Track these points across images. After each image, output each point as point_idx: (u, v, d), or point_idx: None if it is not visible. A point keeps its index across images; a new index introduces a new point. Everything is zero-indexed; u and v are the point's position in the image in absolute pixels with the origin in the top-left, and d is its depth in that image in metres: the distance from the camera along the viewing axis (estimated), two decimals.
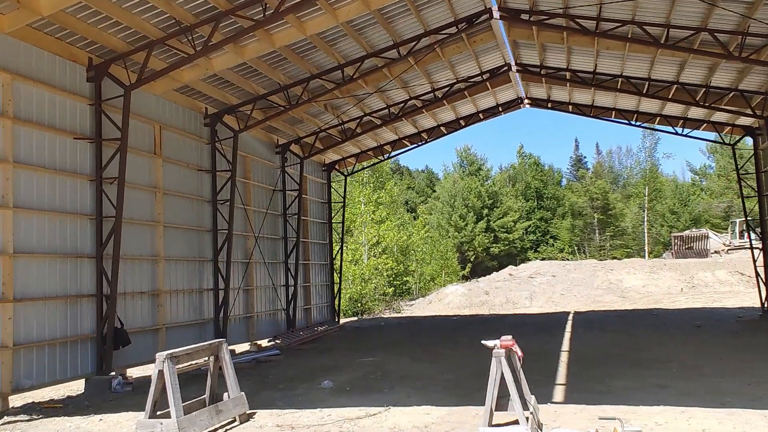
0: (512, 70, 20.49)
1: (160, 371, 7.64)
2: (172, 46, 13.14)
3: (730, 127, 22.45)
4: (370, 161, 29.68)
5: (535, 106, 24.79)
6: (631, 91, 19.59)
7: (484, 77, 20.62)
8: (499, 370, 7.11)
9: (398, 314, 31.64)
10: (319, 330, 22.29)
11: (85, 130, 12.61)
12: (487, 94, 22.78)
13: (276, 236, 21.07)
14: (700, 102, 19.29)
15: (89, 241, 12.51)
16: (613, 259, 54.14)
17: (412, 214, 62.77)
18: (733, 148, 23.65)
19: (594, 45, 16.96)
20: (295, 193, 22.06)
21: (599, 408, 8.55)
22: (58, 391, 12.27)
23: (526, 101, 24.38)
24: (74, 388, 12.48)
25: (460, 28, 16.15)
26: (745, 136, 22.80)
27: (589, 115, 24.06)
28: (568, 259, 54.66)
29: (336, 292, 26.30)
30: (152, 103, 14.75)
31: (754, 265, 22.18)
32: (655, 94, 19.44)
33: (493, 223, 64.09)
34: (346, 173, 27.17)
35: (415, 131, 25.54)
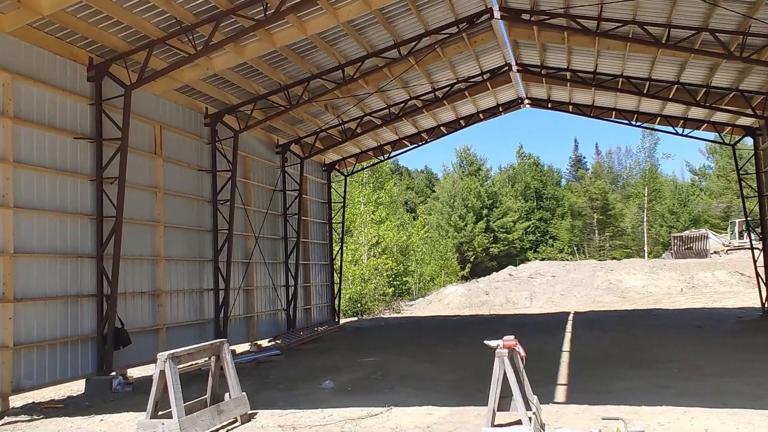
0: (513, 70, 20.49)
1: (161, 371, 7.62)
2: (173, 46, 13.12)
3: (730, 128, 22.46)
4: (370, 161, 29.68)
5: (536, 106, 24.79)
6: (632, 91, 19.60)
7: (484, 77, 20.61)
8: (501, 370, 7.09)
9: (398, 314, 31.63)
10: (319, 330, 22.28)
11: (85, 130, 12.60)
12: (488, 94, 22.78)
13: (276, 236, 21.06)
14: (700, 102, 19.30)
15: (90, 241, 12.50)
16: (612, 259, 54.14)
17: (412, 214, 62.78)
18: (734, 149, 23.67)
19: (595, 45, 16.96)
20: (295, 193, 22.05)
21: (601, 408, 8.53)
22: (59, 392, 12.24)
23: (527, 101, 24.37)
24: (75, 388, 12.45)
25: (461, 28, 16.15)
26: (746, 136, 22.81)
27: (590, 116, 24.05)
28: (568, 260, 54.66)
29: (336, 293, 26.30)
30: (153, 103, 14.74)
31: (755, 265, 22.18)
32: (655, 94, 19.44)
33: (493, 223, 64.08)
34: (346, 173, 27.16)
35: (416, 131, 25.54)
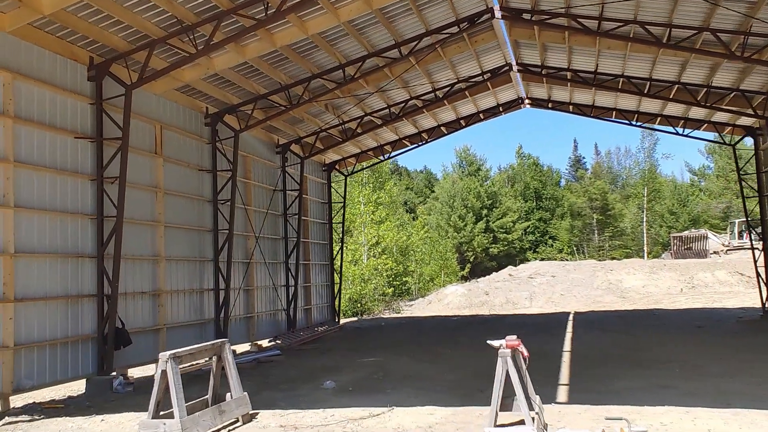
0: (513, 70, 20.48)
1: (163, 371, 7.61)
2: (174, 46, 13.11)
3: (730, 127, 22.46)
4: (370, 161, 29.67)
5: (536, 106, 24.77)
6: (632, 91, 19.58)
7: (484, 77, 20.60)
8: (504, 370, 7.08)
9: (398, 314, 31.62)
10: (319, 330, 22.26)
11: (86, 130, 12.58)
12: (488, 94, 22.76)
13: (276, 236, 21.04)
14: (701, 102, 19.28)
15: (90, 240, 12.47)
16: (612, 259, 54.17)
17: (411, 214, 62.77)
18: (734, 149, 23.67)
19: (595, 45, 16.94)
20: (295, 193, 22.04)
21: (603, 408, 8.52)
22: (59, 392, 12.22)
23: (527, 101, 24.35)
24: (75, 388, 12.44)
25: (462, 27, 16.13)
26: (746, 136, 22.80)
27: (590, 115, 24.04)
28: (568, 260, 54.67)
29: (336, 293, 26.28)
30: (153, 103, 14.72)
31: (755, 265, 22.17)
32: (656, 94, 19.43)
33: (492, 223, 64.08)
34: (346, 173, 27.14)
35: (416, 131, 25.52)
